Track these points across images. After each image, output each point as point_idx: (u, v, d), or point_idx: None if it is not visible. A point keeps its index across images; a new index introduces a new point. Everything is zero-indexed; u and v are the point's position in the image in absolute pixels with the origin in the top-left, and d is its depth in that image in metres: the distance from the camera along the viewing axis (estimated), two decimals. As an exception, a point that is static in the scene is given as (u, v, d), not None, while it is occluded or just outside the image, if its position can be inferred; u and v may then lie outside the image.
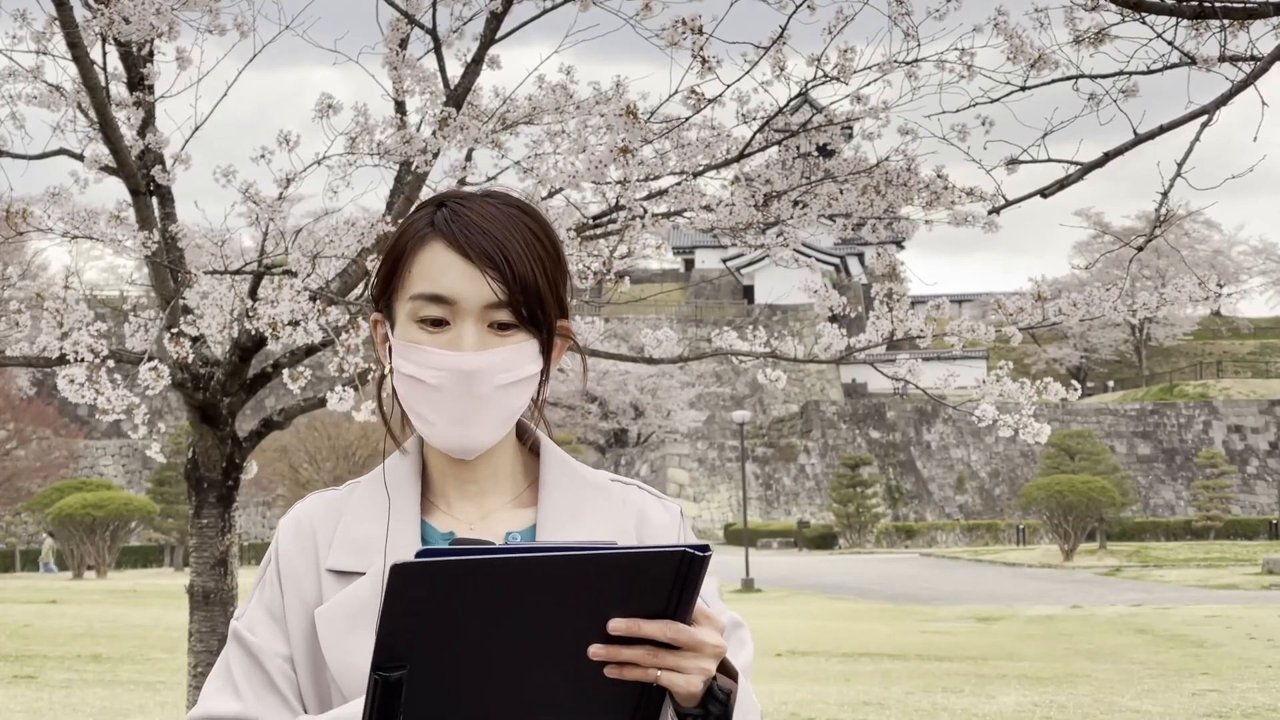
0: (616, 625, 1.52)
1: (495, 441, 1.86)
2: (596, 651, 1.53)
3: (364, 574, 1.82)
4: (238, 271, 7.34)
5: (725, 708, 1.61)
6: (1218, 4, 6.51)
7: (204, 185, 7.82)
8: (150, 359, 6.63)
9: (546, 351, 1.85)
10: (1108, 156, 7.03)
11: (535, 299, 1.81)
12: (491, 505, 1.91)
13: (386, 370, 1.89)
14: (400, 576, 1.45)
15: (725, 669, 1.64)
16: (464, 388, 1.80)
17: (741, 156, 7.52)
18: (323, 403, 7.10)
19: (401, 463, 1.91)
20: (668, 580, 1.52)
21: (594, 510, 1.90)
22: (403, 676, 1.50)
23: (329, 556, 1.85)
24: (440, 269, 1.80)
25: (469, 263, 1.79)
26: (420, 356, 1.81)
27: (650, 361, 7.85)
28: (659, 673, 1.55)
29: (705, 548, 1.51)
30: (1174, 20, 6.81)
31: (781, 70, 7.17)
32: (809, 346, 7.77)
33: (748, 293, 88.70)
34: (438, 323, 1.80)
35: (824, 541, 65.49)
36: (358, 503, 1.89)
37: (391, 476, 1.89)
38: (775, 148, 7.69)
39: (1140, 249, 7.22)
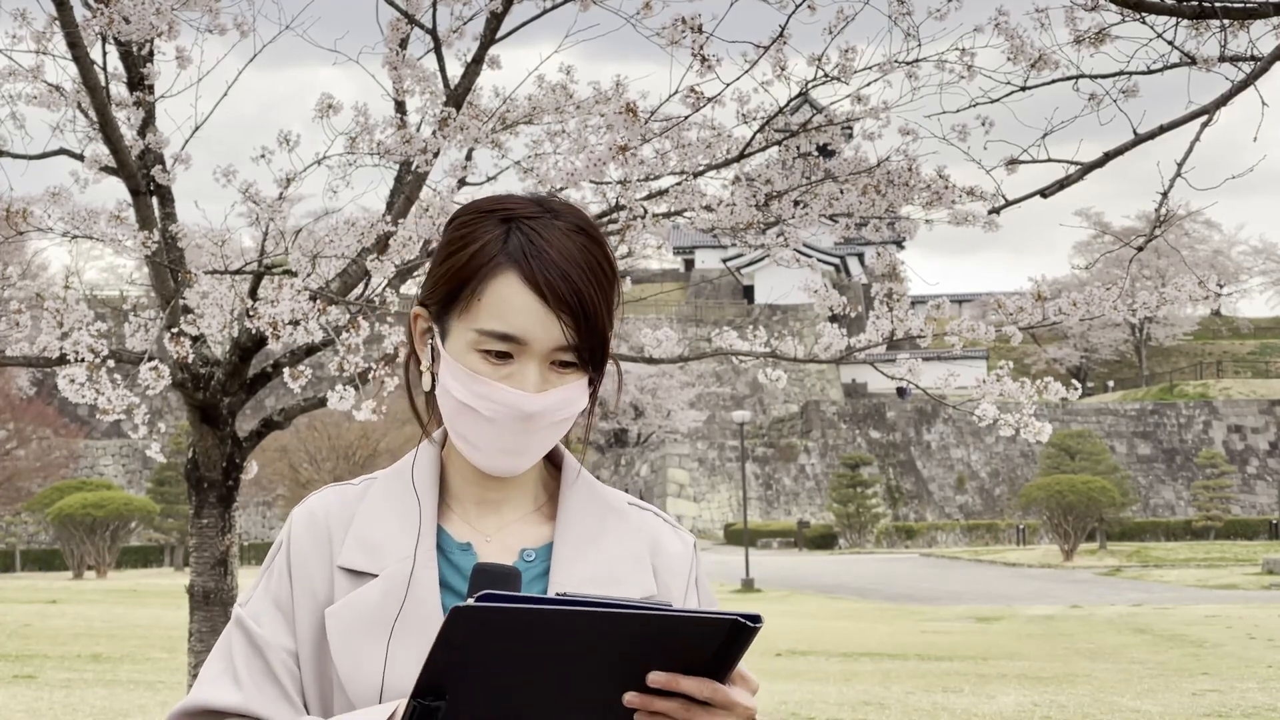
0: (656, 678, 1.54)
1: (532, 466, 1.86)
2: (631, 699, 1.55)
3: (376, 575, 1.81)
4: (238, 271, 7.34)
5: None
6: (1218, 4, 6.51)
7: (204, 185, 7.83)
8: (150, 359, 6.63)
9: (595, 385, 1.84)
10: (1108, 156, 7.03)
11: (602, 344, 1.78)
12: (510, 516, 1.89)
13: (424, 368, 1.86)
14: (459, 617, 1.47)
15: None
16: (520, 426, 1.78)
17: (742, 156, 7.52)
18: (323, 402, 7.10)
19: (424, 458, 1.89)
20: (714, 643, 1.55)
21: (610, 534, 1.89)
22: (441, 707, 1.53)
23: (342, 553, 1.83)
24: (514, 307, 1.75)
25: (545, 306, 1.74)
26: (480, 388, 1.77)
27: (650, 361, 7.85)
28: None
29: (757, 618, 1.54)
30: (1174, 20, 6.81)
31: (782, 70, 7.17)
32: (809, 346, 7.77)
33: (748, 293, 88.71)
34: (500, 355, 1.77)
35: (824, 541, 65.50)
36: (375, 499, 1.87)
37: (416, 474, 1.88)
38: (775, 148, 7.69)
39: (1140, 249, 7.22)
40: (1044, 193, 7.10)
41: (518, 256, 1.76)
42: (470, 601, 1.47)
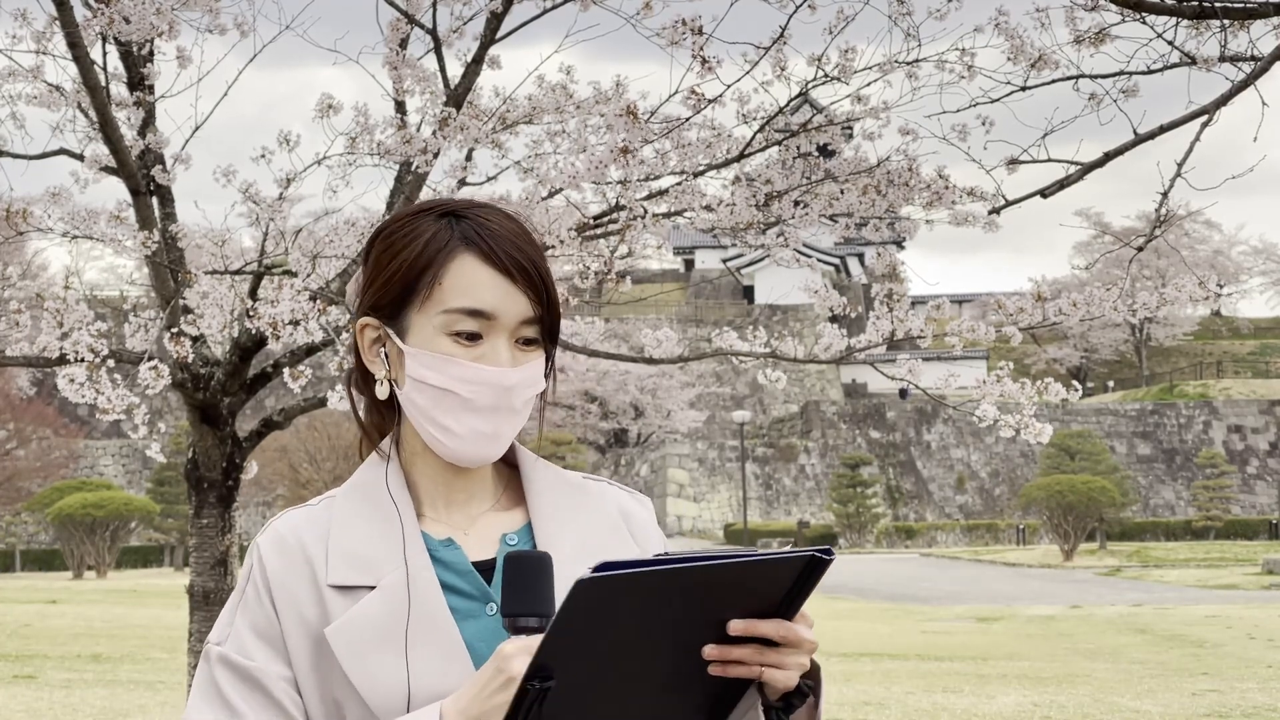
0: (736, 626, 1.59)
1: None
2: (710, 652, 1.59)
3: (372, 588, 1.78)
4: (238, 271, 7.34)
5: (805, 700, 1.69)
6: (1218, 4, 6.50)
7: (204, 185, 7.83)
8: (150, 359, 6.63)
9: (549, 365, 1.88)
10: (1108, 156, 7.03)
11: (557, 319, 1.84)
12: (477, 510, 1.90)
13: (382, 377, 1.86)
14: (584, 590, 1.50)
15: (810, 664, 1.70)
16: (500, 402, 1.80)
17: (742, 156, 7.52)
18: (323, 403, 7.10)
19: (384, 469, 1.88)
20: (789, 581, 1.60)
21: (581, 508, 1.91)
22: (551, 687, 1.55)
23: (329, 572, 1.80)
24: (479, 283, 1.79)
25: (508, 279, 1.79)
26: (455, 370, 1.79)
27: (650, 361, 7.85)
28: (762, 669, 1.62)
29: (829, 551, 1.60)
30: (1174, 20, 6.80)
31: (782, 70, 7.16)
32: (809, 346, 7.77)
33: (748, 293, 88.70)
34: (471, 336, 1.79)
35: (824, 541, 65.32)
36: (347, 514, 1.85)
37: (377, 484, 1.87)
38: (775, 148, 7.69)
39: (1140, 249, 7.22)
40: (1044, 193, 7.10)
41: (472, 238, 1.80)
42: (589, 573, 1.50)
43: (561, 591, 1.56)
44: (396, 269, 1.82)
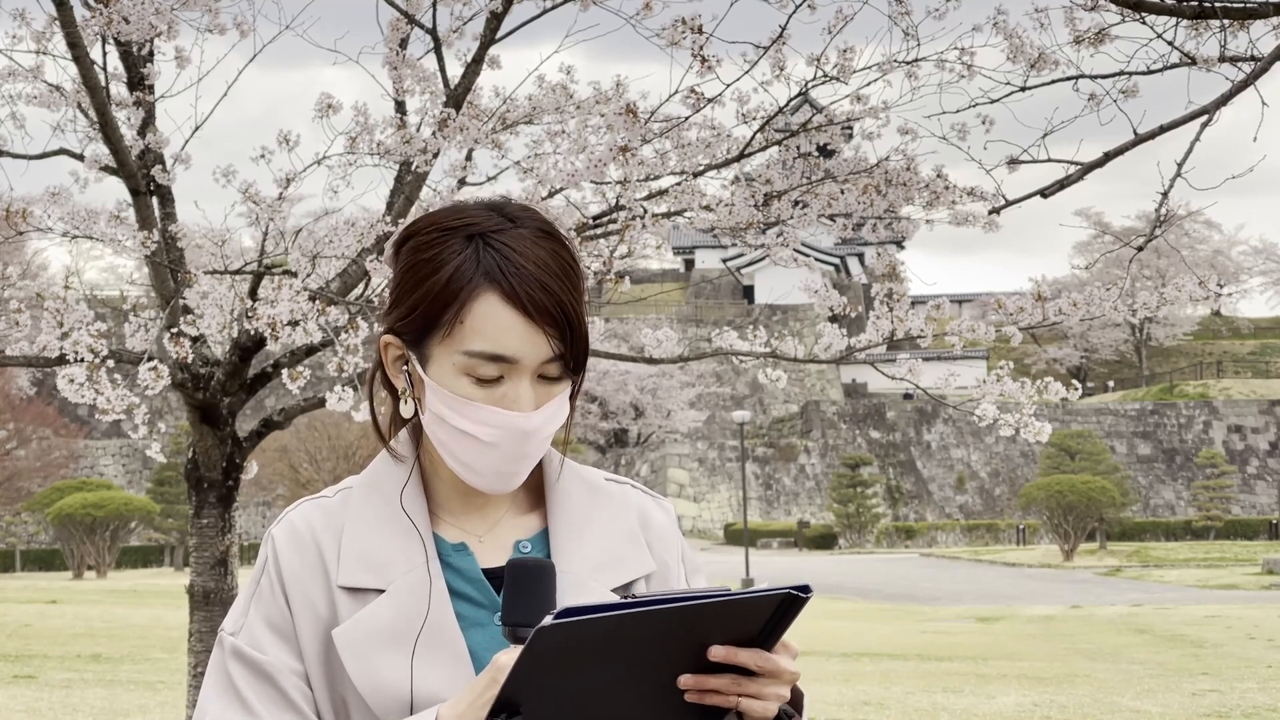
0: (716, 653, 1.58)
1: None
2: (685, 682, 1.59)
3: (382, 591, 1.78)
4: (238, 271, 7.34)
5: None
6: (1218, 4, 6.50)
7: (204, 185, 7.83)
8: (150, 359, 6.62)
9: (575, 386, 1.85)
10: (1108, 156, 7.03)
11: (585, 349, 1.79)
12: (494, 515, 1.89)
13: (406, 396, 1.84)
14: (543, 637, 1.50)
15: (791, 693, 1.70)
16: (519, 445, 1.78)
17: (741, 156, 7.52)
18: (323, 403, 7.10)
19: (400, 470, 1.87)
20: (765, 616, 1.60)
21: (600, 514, 1.90)
22: None
23: (340, 573, 1.80)
24: (500, 326, 1.74)
25: (530, 321, 1.73)
26: (477, 414, 1.76)
27: (650, 361, 7.84)
28: (739, 699, 1.61)
29: (807, 589, 1.59)
30: (1174, 20, 6.80)
31: (781, 70, 7.16)
32: (809, 346, 7.77)
33: (748, 293, 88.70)
34: (491, 377, 1.76)
35: (824, 541, 65.49)
36: (360, 513, 1.84)
37: (394, 486, 1.86)
38: (775, 148, 7.69)
39: (1140, 249, 7.22)
40: (1044, 193, 7.10)
41: (495, 275, 1.74)
42: (550, 620, 1.50)
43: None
44: (420, 299, 1.78)
